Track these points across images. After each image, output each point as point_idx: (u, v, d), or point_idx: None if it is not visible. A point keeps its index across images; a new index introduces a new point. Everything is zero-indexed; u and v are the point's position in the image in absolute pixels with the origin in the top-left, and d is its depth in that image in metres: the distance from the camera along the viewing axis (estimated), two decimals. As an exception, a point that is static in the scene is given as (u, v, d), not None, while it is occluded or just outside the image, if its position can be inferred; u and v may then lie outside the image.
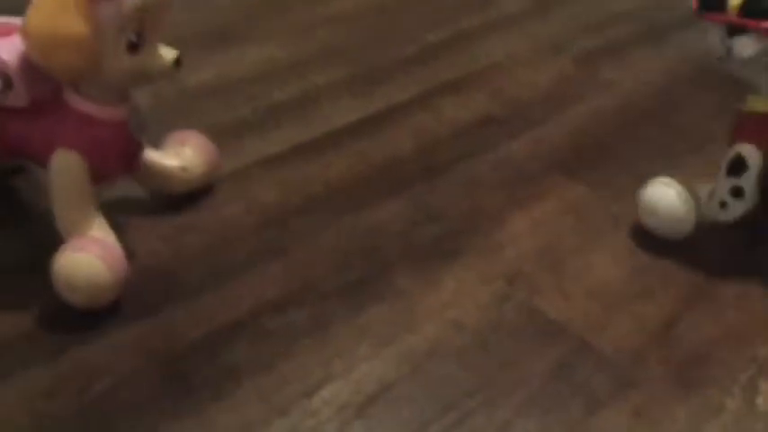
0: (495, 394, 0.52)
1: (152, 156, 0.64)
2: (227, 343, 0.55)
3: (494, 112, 0.83)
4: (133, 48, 0.53)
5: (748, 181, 0.59)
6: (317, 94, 0.84)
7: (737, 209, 0.60)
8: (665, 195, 0.63)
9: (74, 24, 0.50)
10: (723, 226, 0.62)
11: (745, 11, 0.53)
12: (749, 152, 0.59)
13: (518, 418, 0.51)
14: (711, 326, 0.58)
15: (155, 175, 0.65)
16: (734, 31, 0.55)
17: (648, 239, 0.65)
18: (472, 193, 0.71)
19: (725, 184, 0.60)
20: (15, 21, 0.56)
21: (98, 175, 0.57)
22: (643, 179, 0.71)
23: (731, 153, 0.60)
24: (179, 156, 0.66)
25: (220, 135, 0.73)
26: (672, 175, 0.64)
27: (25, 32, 0.51)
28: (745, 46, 0.54)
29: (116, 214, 0.66)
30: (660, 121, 0.82)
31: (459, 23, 1.00)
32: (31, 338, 0.55)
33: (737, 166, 0.59)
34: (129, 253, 0.62)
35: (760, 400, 0.52)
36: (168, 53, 0.55)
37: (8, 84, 0.55)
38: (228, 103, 0.82)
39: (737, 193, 0.60)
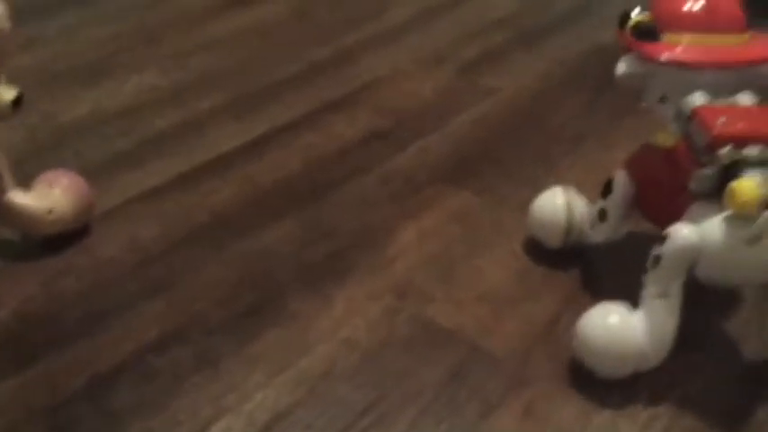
0: (390, 409, 0.52)
1: (16, 197, 0.61)
2: (110, 387, 0.53)
3: (380, 127, 0.84)
4: None
5: (612, 205, 0.60)
6: (199, 121, 0.83)
7: (601, 232, 0.62)
8: (550, 207, 0.64)
9: None
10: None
11: (632, 32, 0.55)
12: (619, 177, 0.59)
13: (413, 430, 0.51)
14: (595, 319, 0.60)
15: (20, 218, 0.62)
16: (624, 51, 0.56)
17: (531, 243, 0.67)
18: (362, 208, 0.71)
19: (597, 205, 0.62)
20: None
21: None
22: (523, 184, 0.73)
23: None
24: (47, 197, 0.63)
25: (97, 171, 0.71)
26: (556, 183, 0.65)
27: None
28: (621, 64, 0.56)
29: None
30: (537, 125, 0.85)
31: (340, 40, 1.00)
32: None
33: (606, 190, 0.61)
34: (4, 299, 0.59)
35: (641, 394, 0.54)
36: (6, 93, 0.53)
37: None
38: (105, 136, 0.80)
39: (602, 215, 0.61)
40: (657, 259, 0.51)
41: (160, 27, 1.03)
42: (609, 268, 0.65)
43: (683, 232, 0.50)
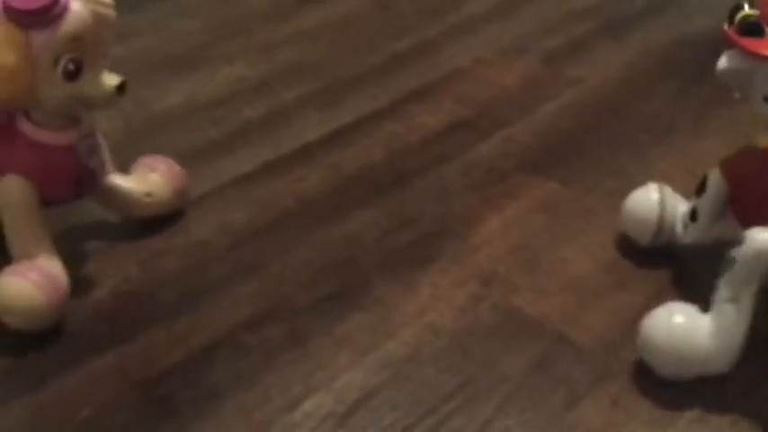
0: (475, 394, 0.53)
1: (117, 181, 0.64)
2: (205, 363, 0.55)
3: (462, 116, 0.84)
4: (70, 75, 0.53)
5: (704, 204, 0.58)
6: (286, 111, 0.85)
7: (691, 233, 0.60)
8: (643, 204, 0.62)
9: (5, 55, 0.51)
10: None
11: (737, 27, 0.53)
12: (713, 176, 0.57)
13: (498, 416, 0.51)
14: (685, 312, 0.59)
15: (120, 201, 0.65)
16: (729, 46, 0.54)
17: (620, 234, 0.66)
18: (444, 197, 0.72)
19: (690, 204, 0.60)
20: None
21: (46, 200, 0.58)
22: (611, 174, 0.72)
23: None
24: (145, 181, 0.66)
25: (190, 158, 0.73)
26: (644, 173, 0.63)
27: None
28: (723, 59, 0.54)
29: (89, 239, 0.67)
30: (624, 115, 0.83)
31: (421, 32, 1.01)
32: (9, 373, 0.55)
33: (700, 188, 0.58)
34: (104, 278, 0.63)
35: (731, 387, 0.53)
36: (111, 79, 0.55)
37: None
38: (197, 125, 0.82)
39: (693, 215, 0.59)
40: (732, 262, 0.50)
41: (246, 20, 1.05)
42: (701, 266, 0.63)
43: (761, 236, 0.49)
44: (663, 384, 0.53)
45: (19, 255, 0.57)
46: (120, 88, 0.56)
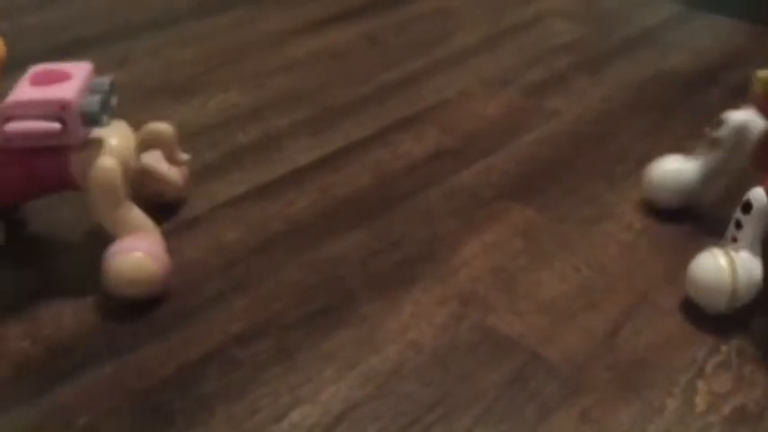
0: (454, 407, 0.56)
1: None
2: (197, 375, 0.58)
3: (446, 145, 0.88)
4: None
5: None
6: (278, 137, 0.89)
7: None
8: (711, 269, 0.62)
9: None
10: (661, 239, 0.67)
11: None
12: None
13: (476, 428, 0.54)
14: (652, 333, 0.62)
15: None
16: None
17: (592, 257, 0.70)
18: (428, 221, 0.75)
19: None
20: (64, 66, 0.65)
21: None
22: (587, 202, 0.76)
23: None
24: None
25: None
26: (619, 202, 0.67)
27: None
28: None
29: (90, 258, 0.70)
30: (600, 146, 0.88)
31: (408, 64, 1.05)
32: (10, 382, 0.58)
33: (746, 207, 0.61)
34: (102, 297, 0.65)
35: (698, 400, 0.57)
36: None
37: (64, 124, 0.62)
38: (192, 149, 0.86)
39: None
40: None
41: (240, 50, 1.09)
42: (667, 282, 0.67)
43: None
44: (633, 398, 0.56)
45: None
46: None
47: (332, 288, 0.67)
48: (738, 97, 0.96)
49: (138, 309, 0.64)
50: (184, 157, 0.71)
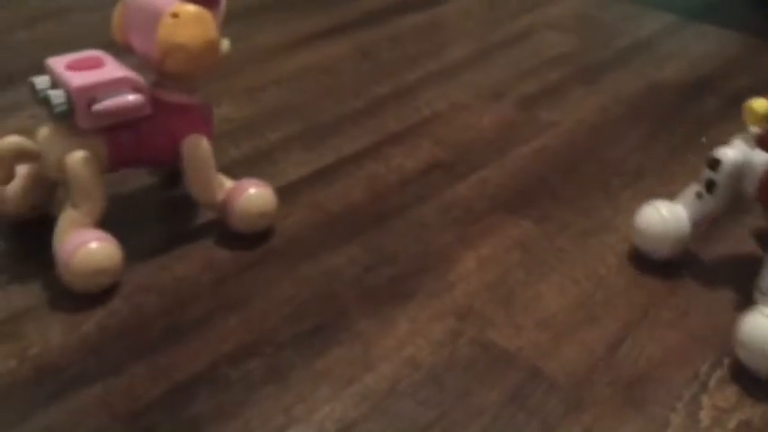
0: (451, 426, 0.54)
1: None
2: (188, 396, 0.57)
3: (440, 158, 0.87)
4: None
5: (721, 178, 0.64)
6: (270, 151, 0.87)
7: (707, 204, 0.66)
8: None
9: (211, 31, 0.65)
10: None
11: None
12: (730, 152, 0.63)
13: (474, 447, 0.53)
14: (653, 346, 0.61)
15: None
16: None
17: (590, 270, 0.69)
18: (423, 235, 0.74)
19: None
20: (96, 53, 0.69)
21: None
22: (583, 214, 0.75)
23: None
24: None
25: (176, 194, 0.76)
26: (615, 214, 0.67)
27: (175, 46, 0.64)
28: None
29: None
30: (595, 158, 0.87)
31: (401, 77, 1.04)
32: (-6, 405, 0.56)
33: (713, 163, 0.64)
34: (90, 312, 0.64)
35: (703, 415, 0.55)
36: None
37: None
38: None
39: (710, 187, 0.64)
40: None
41: (233, 64, 1.08)
42: (667, 295, 0.66)
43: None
44: (635, 414, 0.55)
45: (213, 197, 0.71)
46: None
47: (325, 304, 0.65)
48: (733, 107, 0.95)
49: (127, 327, 0.63)
50: None
